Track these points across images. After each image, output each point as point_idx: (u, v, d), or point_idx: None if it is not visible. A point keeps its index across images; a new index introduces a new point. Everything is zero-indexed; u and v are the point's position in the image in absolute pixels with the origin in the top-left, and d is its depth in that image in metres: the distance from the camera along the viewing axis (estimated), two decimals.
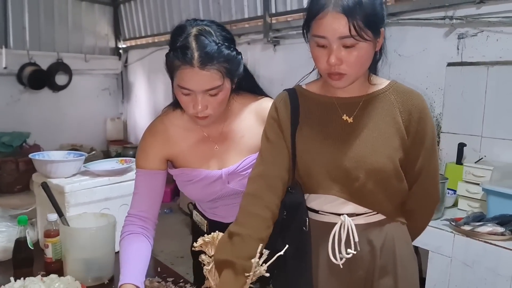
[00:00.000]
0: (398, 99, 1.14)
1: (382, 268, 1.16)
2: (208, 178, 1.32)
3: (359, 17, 1.00)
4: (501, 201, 2.06)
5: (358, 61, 1.05)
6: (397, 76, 2.97)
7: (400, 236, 1.20)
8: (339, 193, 1.13)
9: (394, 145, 1.12)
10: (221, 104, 1.23)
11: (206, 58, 1.12)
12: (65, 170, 1.63)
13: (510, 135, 2.39)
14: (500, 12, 2.43)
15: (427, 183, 1.19)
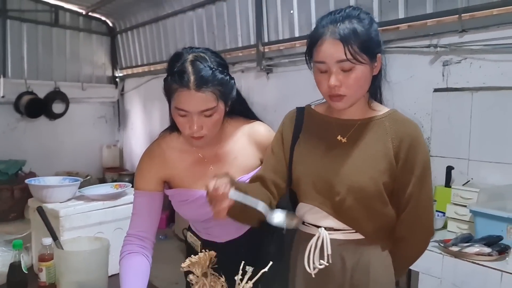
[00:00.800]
0: (393, 126, 1.21)
1: (354, 287, 1.21)
2: (203, 198, 1.34)
3: (354, 42, 1.10)
4: (488, 222, 2.11)
5: (356, 83, 1.14)
6: (386, 102, 3.02)
7: (378, 260, 1.23)
8: (321, 205, 1.21)
9: (379, 168, 1.18)
10: (215, 125, 1.30)
11: (201, 81, 1.21)
12: (60, 195, 1.67)
13: (496, 158, 2.46)
14: (481, 40, 2.54)
15: (417, 211, 1.22)
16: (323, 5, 3.44)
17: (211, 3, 4.61)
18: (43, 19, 5.95)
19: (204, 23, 4.80)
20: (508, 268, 1.86)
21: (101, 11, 6.24)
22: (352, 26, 1.12)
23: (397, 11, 2.96)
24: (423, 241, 1.29)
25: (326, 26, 1.14)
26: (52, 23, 6.03)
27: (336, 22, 1.13)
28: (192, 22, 4.98)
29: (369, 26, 1.15)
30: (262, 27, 4.02)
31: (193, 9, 4.88)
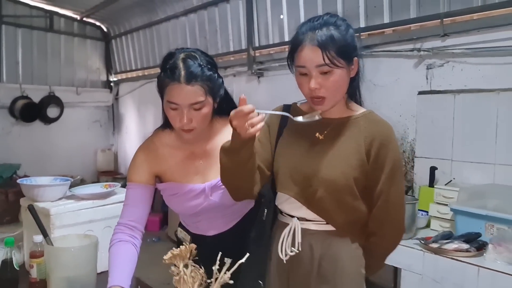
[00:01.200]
0: (367, 125, 1.29)
1: (322, 276, 1.29)
2: (193, 191, 1.46)
3: (331, 48, 1.19)
4: (468, 220, 2.18)
5: (334, 85, 1.22)
6: (372, 104, 3.08)
7: (346, 252, 1.30)
8: (296, 195, 1.30)
9: (351, 164, 1.26)
10: (204, 119, 1.38)
11: (191, 75, 1.31)
12: (51, 194, 1.73)
13: (477, 158, 2.53)
14: (462, 44, 2.62)
15: (387, 208, 1.28)
16: (312, 11, 3.51)
17: (203, 8, 4.69)
18: (38, 25, 6.02)
19: (196, 28, 4.87)
20: (485, 263, 1.93)
21: (96, 17, 6.31)
22: (329, 32, 1.20)
23: (382, 16, 3.04)
24: (394, 237, 1.36)
25: (305, 33, 1.23)
26: (47, 29, 6.10)
27: (315, 29, 1.21)
28: (185, 27, 5.05)
29: (345, 32, 1.23)
30: (252, 32, 4.10)
31: (186, 14, 4.96)
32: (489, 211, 2.12)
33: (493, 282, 1.87)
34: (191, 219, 1.56)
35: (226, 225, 1.53)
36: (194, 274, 1.15)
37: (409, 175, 2.95)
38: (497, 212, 2.09)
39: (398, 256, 2.19)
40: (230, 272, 1.11)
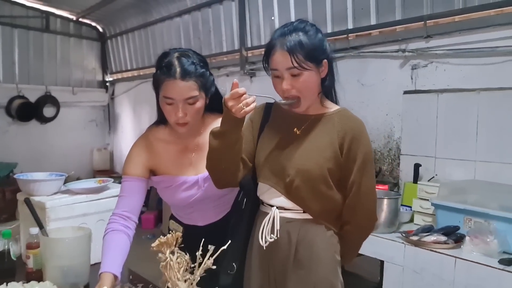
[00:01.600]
0: (340, 121, 1.39)
1: (299, 261, 1.38)
2: (186, 183, 1.56)
3: (299, 52, 1.29)
4: (447, 214, 2.27)
5: (305, 86, 1.33)
6: (360, 103, 3.24)
7: (321, 239, 1.39)
8: (275, 185, 1.40)
9: (325, 156, 1.36)
10: (197, 113, 1.48)
11: (186, 72, 1.42)
12: (46, 189, 1.81)
13: (459, 156, 2.63)
14: (445, 45, 2.72)
15: (359, 197, 1.38)
16: (302, 12, 3.61)
17: (197, 9, 4.77)
18: (34, 25, 6.09)
19: (190, 28, 4.96)
20: (462, 254, 2.03)
21: (91, 17, 6.38)
22: (298, 38, 1.31)
23: (369, 18, 3.13)
24: (366, 225, 1.45)
25: (277, 38, 1.34)
26: (43, 29, 6.17)
27: (285, 35, 1.32)
28: (179, 28, 5.14)
29: (314, 37, 1.33)
30: (245, 33, 4.20)
31: (180, 15, 5.05)
32: (468, 205, 2.21)
33: (469, 272, 1.96)
34: (184, 210, 1.65)
35: (217, 216, 1.63)
36: (180, 260, 1.23)
37: (395, 172, 3.05)
38: (475, 207, 2.18)
39: (381, 249, 2.30)
40: (213, 258, 1.19)
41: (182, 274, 1.23)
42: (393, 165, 3.07)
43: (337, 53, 3.31)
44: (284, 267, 1.40)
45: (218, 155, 1.37)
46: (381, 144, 3.14)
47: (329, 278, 1.39)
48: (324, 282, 1.38)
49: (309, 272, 1.37)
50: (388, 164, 3.10)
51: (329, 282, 1.39)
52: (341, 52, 3.29)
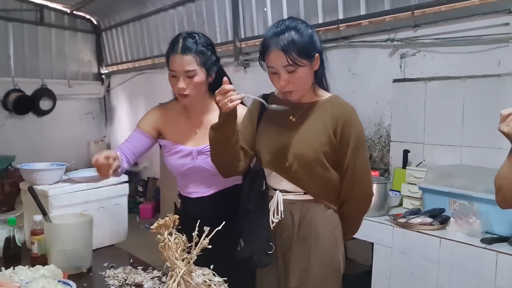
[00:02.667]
0: (332, 108, 1.51)
1: (302, 237, 1.53)
2: (182, 152, 1.78)
3: (293, 50, 1.41)
4: (434, 197, 2.37)
5: (300, 80, 1.46)
6: (351, 92, 3.32)
7: (322, 216, 1.53)
8: (276, 169, 1.54)
9: (320, 140, 1.49)
10: (196, 87, 1.69)
11: (185, 47, 1.66)
12: (48, 177, 1.89)
13: (446, 141, 2.72)
14: (432, 34, 2.79)
15: (354, 176, 1.51)
16: (294, 3, 3.67)
17: (191, 1, 4.82)
18: (29, 18, 6.11)
19: (184, 20, 5.00)
20: (447, 235, 2.12)
21: (86, 10, 6.40)
22: (290, 37, 1.42)
23: (359, 8, 3.20)
24: (363, 202, 1.60)
25: (271, 38, 1.45)
26: (37, 22, 6.19)
27: (278, 34, 1.43)
28: (173, 20, 5.18)
29: (305, 34, 1.44)
30: (238, 24, 4.25)
31: (174, 7, 5.09)
32: (452, 188, 2.30)
33: (452, 251, 2.06)
34: (182, 181, 1.86)
35: (208, 191, 1.80)
36: (177, 241, 1.32)
37: (386, 158, 3.14)
38: (460, 189, 2.27)
39: (371, 232, 2.40)
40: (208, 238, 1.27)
41: (180, 253, 1.32)
42: (384, 152, 3.16)
43: (328, 43, 3.38)
44: (289, 244, 1.54)
45: (217, 148, 1.53)
46: (372, 132, 3.23)
47: (329, 252, 1.53)
48: (325, 255, 1.52)
49: (311, 247, 1.52)
50: (379, 151, 3.19)
51: (329, 255, 1.53)
52: (332, 42, 3.36)
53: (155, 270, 1.72)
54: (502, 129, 1.23)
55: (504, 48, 2.46)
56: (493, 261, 1.92)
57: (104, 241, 1.99)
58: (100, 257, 1.85)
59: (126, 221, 2.13)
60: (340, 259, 1.56)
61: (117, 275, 1.66)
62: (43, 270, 1.54)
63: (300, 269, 1.53)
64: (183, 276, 1.28)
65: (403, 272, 2.25)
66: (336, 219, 1.57)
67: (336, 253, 1.55)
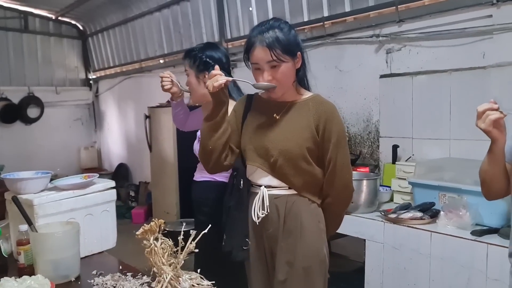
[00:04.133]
0: (314, 106, 1.57)
1: (287, 231, 1.57)
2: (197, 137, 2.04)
3: (277, 47, 1.47)
4: (423, 191, 2.37)
5: (283, 76, 1.51)
6: (339, 89, 3.32)
7: (306, 209, 1.58)
8: (261, 165, 1.59)
9: (303, 136, 1.54)
10: None
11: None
12: (33, 186, 1.85)
13: (434, 135, 2.73)
14: (417, 29, 2.80)
15: (335, 171, 1.57)
16: (279, 3, 3.66)
17: (176, 3, 4.80)
18: (13, 26, 6.06)
19: (170, 23, 4.98)
20: (437, 229, 2.13)
21: (71, 15, 6.35)
22: (275, 34, 1.49)
23: (343, 5, 3.20)
24: (344, 196, 1.64)
25: (256, 36, 1.51)
26: (22, 29, 6.14)
27: (263, 32, 1.50)
28: (159, 23, 5.15)
29: (288, 33, 1.52)
30: (224, 24, 4.24)
31: (159, 10, 5.07)
32: (441, 182, 2.30)
33: (443, 245, 2.06)
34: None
35: (200, 178, 2.05)
36: (164, 246, 1.30)
37: (375, 154, 3.14)
38: (449, 183, 2.28)
39: (362, 228, 2.39)
40: (195, 241, 1.26)
41: (167, 258, 1.31)
42: (373, 148, 3.16)
43: (314, 41, 3.39)
44: (275, 237, 1.59)
45: (206, 136, 1.59)
46: (361, 128, 3.23)
47: (314, 244, 1.57)
48: (310, 247, 1.56)
49: (297, 240, 1.56)
50: (368, 147, 3.19)
51: (314, 247, 1.57)
52: (318, 40, 3.36)
53: (144, 276, 1.69)
54: (479, 126, 1.25)
55: (488, 40, 2.46)
56: (484, 253, 1.92)
57: (92, 248, 1.96)
58: (89, 265, 1.82)
59: (115, 227, 2.10)
60: (324, 251, 1.60)
61: (106, 282, 1.63)
62: (30, 280, 1.51)
63: (286, 261, 1.57)
64: (170, 281, 1.26)
65: (395, 267, 2.25)
66: (320, 212, 1.62)
67: (321, 245, 1.59)
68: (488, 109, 1.23)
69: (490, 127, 1.23)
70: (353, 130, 3.28)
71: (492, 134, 1.25)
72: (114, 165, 6.70)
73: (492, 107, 1.23)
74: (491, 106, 1.23)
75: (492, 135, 1.25)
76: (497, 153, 1.30)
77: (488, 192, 1.39)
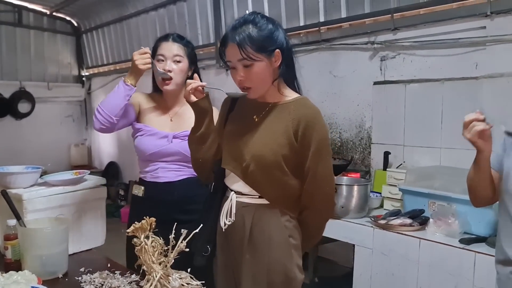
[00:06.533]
0: (296, 109, 1.44)
1: (253, 244, 1.48)
2: (158, 134, 1.92)
3: (248, 45, 1.35)
4: (413, 198, 2.39)
5: (257, 76, 1.40)
6: (333, 94, 3.34)
7: (276, 223, 1.47)
8: (234, 169, 1.50)
9: (279, 142, 1.42)
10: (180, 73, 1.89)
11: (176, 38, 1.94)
12: (23, 181, 1.83)
13: (426, 143, 2.75)
14: (411, 37, 2.83)
15: (315, 182, 1.44)
16: (275, 5, 3.68)
17: (172, 3, 4.79)
18: (6, 19, 5.99)
19: (166, 22, 4.97)
20: (426, 236, 2.14)
21: (65, 11, 6.31)
22: (247, 31, 1.37)
23: (340, 11, 3.22)
24: (324, 210, 1.52)
25: (229, 32, 1.41)
26: (15, 23, 6.08)
27: (235, 28, 1.39)
28: (155, 22, 5.14)
29: (263, 28, 1.38)
30: (220, 26, 4.24)
31: (155, 9, 5.05)
32: (431, 189, 2.32)
33: (432, 252, 2.08)
34: (150, 167, 1.96)
35: (177, 177, 1.93)
36: (154, 244, 1.29)
37: (367, 160, 3.16)
38: (439, 191, 2.30)
39: (351, 233, 2.41)
40: (185, 241, 1.25)
41: (157, 257, 1.30)
42: (365, 154, 3.18)
43: (309, 46, 3.41)
44: (240, 249, 1.50)
45: (194, 150, 1.57)
46: (353, 134, 3.25)
47: (282, 260, 1.46)
48: (277, 264, 1.45)
49: (263, 254, 1.46)
50: (360, 153, 3.21)
51: (282, 264, 1.46)
52: (314, 45, 3.38)
53: (133, 275, 1.68)
54: (465, 136, 1.29)
55: (481, 51, 2.50)
56: (471, 261, 1.94)
57: (81, 245, 1.95)
58: (77, 262, 1.80)
59: (104, 225, 2.09)
60: (294, 268, 1.48)
61: (94, 280, 1.62)
62: (17, 276, 1.49)
63: (251, 275, 1.48)
64: (160, 280, 1.26)
65: (384, 273, 2.26)
66: (292, 226, 1.49)
67: (291, 262, 1.47)
68: (474, 119, 1.25)
69: (475, 137, 1.26)
70: (345, 135, 3.30)
71: (478, 145, 1.28)
72: (104, 163, 6.65)
73: (478, 118, 1.25)
74: (478, 117, 1.26)
75: (478, 145, 1.29)
76: (482, 163, 1.34)
77: (475, 199, 1.44)
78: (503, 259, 1.35)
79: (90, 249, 2.01)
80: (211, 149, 1.56)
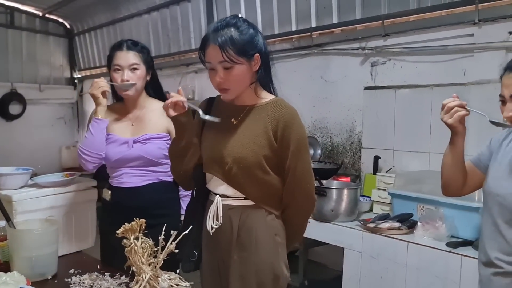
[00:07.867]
0: (273, 110, 1.47)
1: (241, 244, 1.49)
2: (119, 141, 1.93)
3: (229, 47, 1.36)
4: (402, 202, 2.42)
5: (235, 79, 1.42)
6: (324, 99, 3.37)
7: (262, 222, 1.50)
8: (216, 173, 1.51)
9: (259, 143, 1.45)
10: (140, 79, 1.92)
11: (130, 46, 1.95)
12: (13, 182, 1.84)
13: (415, 148, 2.79)
14: (401, 43, 2.86)
15: (295, 181, 1.48)
16: (268, 10, 3.71)
17: (166, 7, 4.80)
18: None
19: (159, 26, 4.98)
20: (414, 239, 2.17)
21: (58, 13, 6.29)
22: (229, 34, 1.38)
23: (331, 16, 3.25)
24: (305, 206, 1.55)
25: (210, 33, 1.41)
26: (7, 25, 6.04)
27: (217, 30, 1.39)
28: (148, 25, 5.15)
29: (245, 32, 1.40)
30: None
31: (149, 12, 5.06)
32: (420, 193, 2.35)
33: (419, 255, 2.10)
34: (116, 172, 1.97)
35: (141, 182, 1.93)
36: (144, 245, 1.30)
37: (357, 164, 3.19)
38: (427, 195, 2.33)
39: (341, 237, 2.43)
40: (175, 242, 1.27)
41: (146, 258, 1.31)
42: (355, 158, 3.21)
43: (301, 50, 3.44)
44: (228, 250, 1.51)
45: (175, 162, 1.59)
46: (344, 138, 3.27)
47: (270, 259, 1.49)
48: (265, 263, 1.49)
49: (250, 254, 1.48)
50: (350, 157, 3.24)
51: (270, 263, 1.49)
52: (305, 50, 3.41)
53: (122, 276, 1.69)
54: (445, 120, 1.36)
55: (469, 58, 2.54)
56: (458, 265, 1.97)
57: (71, 247, 1.95)
58: (66, 263, 1.80)
59: (95, 227, 2.10)
60: (281, 266, 1.52)
61: (83, 281, 1.62)
62: (5, 277, 1.50)
63: (239, 275, 1.50)
64: (149, 281, 1.26)
65: (372, 276, 2.28)
66: (277, 224, 1.53)
67: (277, 260, 1.51)
68: (457, 105, 1.34)
69: (457, 122, 1.35)
70: (336, 140, 3.33)
71: (458, 129, 1.38)
72: None
73: (461, 104, 1.34)
74: (460, 103, 1.34)
75: (458, 130, 1.38)
76: (458, 145, 1.42)
77: (445, 185, 1.52)
78: (485, 261, 1.38)
79: (80, 251, 2.01)
80: (191, 162, 1.55)
